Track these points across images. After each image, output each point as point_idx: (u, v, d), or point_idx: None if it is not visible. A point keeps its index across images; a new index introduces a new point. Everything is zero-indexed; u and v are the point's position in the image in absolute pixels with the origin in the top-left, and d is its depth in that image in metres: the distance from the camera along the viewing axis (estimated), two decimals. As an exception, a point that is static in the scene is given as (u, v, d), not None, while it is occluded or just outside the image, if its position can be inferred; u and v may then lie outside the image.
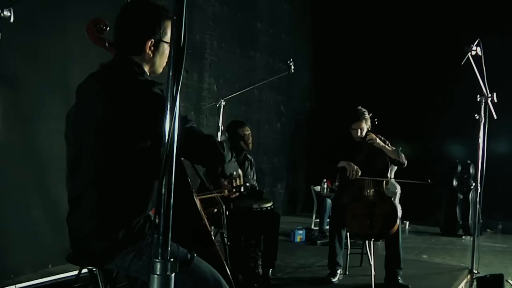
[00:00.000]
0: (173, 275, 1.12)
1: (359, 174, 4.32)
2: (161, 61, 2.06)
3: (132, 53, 2.00)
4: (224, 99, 5.54)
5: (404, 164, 4.53)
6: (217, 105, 5.51)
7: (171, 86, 1.20)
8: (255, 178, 4.67)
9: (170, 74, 1.20)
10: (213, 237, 2.09)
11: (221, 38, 7.34)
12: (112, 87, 1.93)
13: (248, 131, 4.50)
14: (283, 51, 8.57)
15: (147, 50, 1.99)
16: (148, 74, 2.05)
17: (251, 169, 4.63)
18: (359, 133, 4.45)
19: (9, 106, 3.97)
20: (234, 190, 2.79)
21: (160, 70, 2.07)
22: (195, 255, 1.96)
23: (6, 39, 3.14)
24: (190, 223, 2.08)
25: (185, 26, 1.23)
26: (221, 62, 7.35)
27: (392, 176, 8.19)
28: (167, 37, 2.02)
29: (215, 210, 2.33)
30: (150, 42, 1.98)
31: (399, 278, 4.24)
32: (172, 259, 1.13)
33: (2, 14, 3.06)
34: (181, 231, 2.05)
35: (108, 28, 2.06)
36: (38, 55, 4.32)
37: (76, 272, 2.38)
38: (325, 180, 7.01)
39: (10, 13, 3.08)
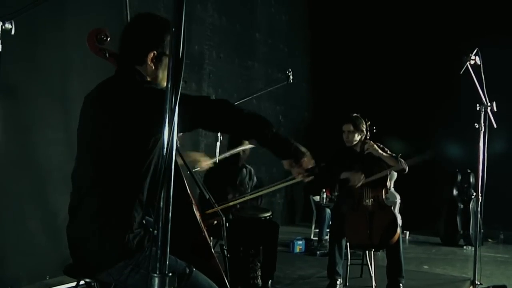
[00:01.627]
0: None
1: (363, 179, 4.30)
2: (165, 74, 2.04)
3: (134, 63, 2.00)
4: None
5: (405, 170, 4.50)
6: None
7: (170, 97, 1.18)
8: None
9: (169, 85, 1.18)
10: (212, 250, 2.06)
11: (219, 48, 7.34)
12: (114, 95, 1.94)
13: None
14: (281, 61, 8.57)
15: (149, 62, 1.99)
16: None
17: (250, 179, 4.58)
18: (346, 137, 4.44)
19: (8, 117, 3.96)
20: (307, 173, 2.03)
21: (164, 84, 2.07)
22: (193, 268, 1.95)
23: (7, 51, 3.17)
24: (189, 235, 2.06)
25: (183, 38, 1.22)
26: (219, 72, 7.34)
27: (392, 185, 8.19)
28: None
29: (215, 222, 2.29)
30: (152, 54, 1.98)
31: (401, 287, 4.21)
32: (170, 273, 1.11)
33: (3, 27, 3.08)
34: (180, 243, 2.03)
35: (108, 39, 2.06)
36: (38, 66, 4.31)
37: (74, 284, 2.36)
38: (324, 190, 6.98)
39: (12, 25, 3.11)
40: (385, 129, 5.26)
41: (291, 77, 5.18)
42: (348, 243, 4.50)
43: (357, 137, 4.47)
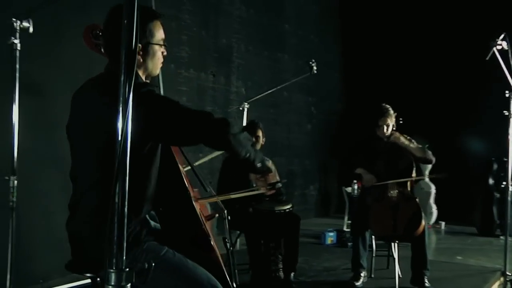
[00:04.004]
0: (129, 285, 1.11)
1: (374, 182, 4.28)
2: (154, 63, 2.05)
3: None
4: (248, 102, 5.57)
5: (431, 161, 4.41)
6: (241, 108, 5.54)
7: (123, 89, 1.17)
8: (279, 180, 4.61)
9: (122, 78, 1.17)
10: (212, 243, 2.07)
11: (248, 41, 7.35)
12: (104, 93, 1.93)
13: (259, 134, 4.46)
14: (311, 52, 8.48)
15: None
16: (143, 78, 2.05)
17: None
18: (385, 130, 4.36)
19: (34, 114, 4.08)
20: (270, 187, 2.43)
21: (156, 72, 2.08)
22: (192, 261, 1.96)
23: (28, 49, 3.25)
24: (188, 228, 2.08)
25: (136, 29, 1.21)
26: (248, 65, 7.36)
27: (427, 175, 8.03)
28: (156, 39, 2.02)
29: (217, 215, 2.29)
30: (138, 47, 1.98)
31: (426, 280, 4.13)
32: (127, 269, 1.12)
33: (21, 25, 3.17)
34: (179, 236, 2.06)
35: None
36: (62, 63, 4.42)
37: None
38: (355, 181, 6.89)
39: (29, 23, 3.19)
40: (416, 117, 5.18)
41: (314, 67, 5.14)
42: (372, 235, 4.45)
43: (390, 129, 4.40)
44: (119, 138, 1.19)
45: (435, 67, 8.42)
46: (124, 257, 1.85)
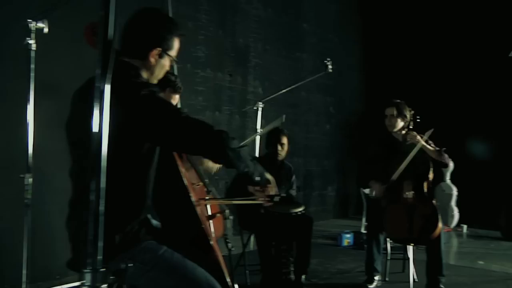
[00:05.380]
0: (105, 286, 1.08)
1: (383, 191, 4.25)
2: (160, 72, 2.08)
3: (135, 56, 2.00)
4: (263, 101, 5.53)
5: (447, 165, 4.31)
6: (255, 108, 5.50)
7: (100, 82, 1.14)
8: (294, 187, 4.53)
9: (98, 71, 1.14)
10: (211, 243, 2.04)
11: (265, 40, 7.30)
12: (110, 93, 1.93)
13: (284, 141, 4.39)
14: (331, 51, 8.37)
15: (151, 57, 2.00)
16: (145, 78, 2.05)
17: (288, 178, 4.49)
18: (388, 121, 4.31)
19: (49, 114, 4.11)
20: (268, 199, 2.33)
21: (155, 81, 2.09)
22: (192, 261, 1.93)
23: (43, 49, 3.28)
24: (187, 228, 2.05)
25: (114, 22, 1.19)
26: (266, 64, 7.31)
27: (448, 177, 7.88)
28: (172, 52, 2.07)
29: (218, 214, 2.25)
30: (157, 50, 2.00)
31: (442, 286, 4.02)
32: (103, 269, 1.09)
33: (36, 26, 3.20)
34: (178, 236, 2.02)
35: None
36: (77, 63, 4.43)
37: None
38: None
39: (45, 24, 3.22)
40: (440, 119, 5.03)
41: (330, 66, 5.08)
42: (387, 238, 4.36)
43: (400, 123, 4.31)
44: (95, 132, 1.14)
45: (458, 67, 8.18)
46: (122, 255, 1.85)
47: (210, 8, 6.35)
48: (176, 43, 2.07)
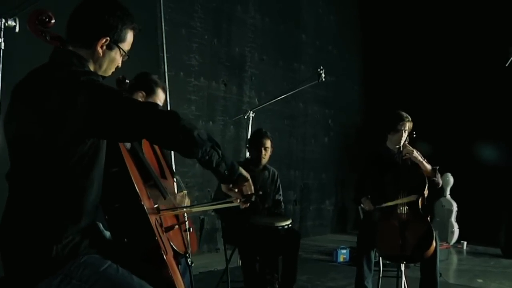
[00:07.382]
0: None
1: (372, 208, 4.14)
2: (109, 65, 1.86)
3: (80, 45, 1.80)
4: (253, 110, 5.37)
5: (438, 184, 4.16)
6: (245, 117, 5.35)
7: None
8: (280, 192, 4.36)
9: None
10: (165, 258, 1.84)
11: (262, 50, 7.18)
12: (41, 84, 1.73)
13: (268, 144, 4.21)
14: (330, 63, 8.24)
15: (98, 48, 1.80)
16: (91, 69, 1.83)
17: (273, 181, 4.32)
18: (403, 136, 4.09)
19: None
20: (244, 200, 2.01)
21: (108, 74, 1.89)
22: (140, 278, 1.73)
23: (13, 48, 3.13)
24: (138, 241, 1.84)
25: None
26: (262, 75, 7.18)
27: (448, 193, 7.70)
28: (124, 44, 1.86)
29: (176, 226, 2.04)
30: (105, 39, 1.79)
31: (436, 308, 3.83)
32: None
33: (6, 24, 3.06)
34: (127, 248, 1.83)
35: (52, 21, 1.87)
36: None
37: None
38: (369, 196, 6.61)
39: (15, 22, 3.08)
40: (439, 133, 4.90)
41: (323, 75, 4.96)
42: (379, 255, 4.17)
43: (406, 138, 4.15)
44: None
45: (458, 82, 8.07)
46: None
47: (205, 16, 6.24)
48: (129, 36, 1.86)
